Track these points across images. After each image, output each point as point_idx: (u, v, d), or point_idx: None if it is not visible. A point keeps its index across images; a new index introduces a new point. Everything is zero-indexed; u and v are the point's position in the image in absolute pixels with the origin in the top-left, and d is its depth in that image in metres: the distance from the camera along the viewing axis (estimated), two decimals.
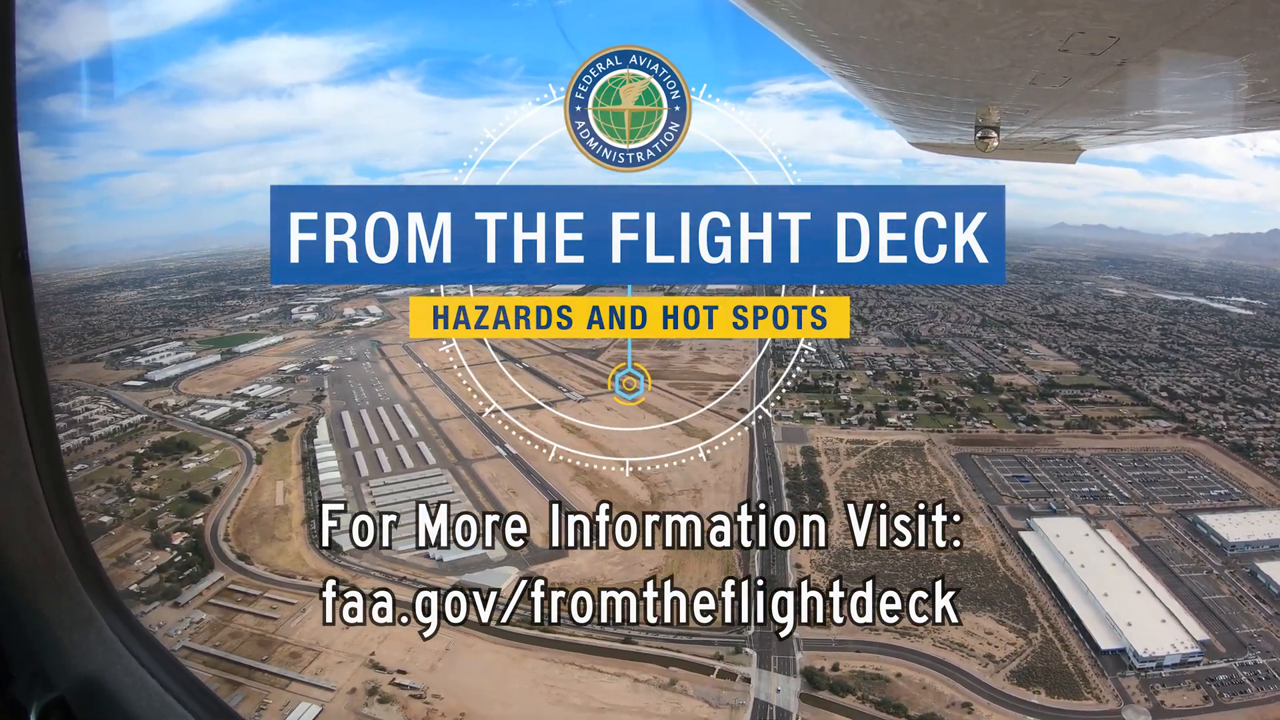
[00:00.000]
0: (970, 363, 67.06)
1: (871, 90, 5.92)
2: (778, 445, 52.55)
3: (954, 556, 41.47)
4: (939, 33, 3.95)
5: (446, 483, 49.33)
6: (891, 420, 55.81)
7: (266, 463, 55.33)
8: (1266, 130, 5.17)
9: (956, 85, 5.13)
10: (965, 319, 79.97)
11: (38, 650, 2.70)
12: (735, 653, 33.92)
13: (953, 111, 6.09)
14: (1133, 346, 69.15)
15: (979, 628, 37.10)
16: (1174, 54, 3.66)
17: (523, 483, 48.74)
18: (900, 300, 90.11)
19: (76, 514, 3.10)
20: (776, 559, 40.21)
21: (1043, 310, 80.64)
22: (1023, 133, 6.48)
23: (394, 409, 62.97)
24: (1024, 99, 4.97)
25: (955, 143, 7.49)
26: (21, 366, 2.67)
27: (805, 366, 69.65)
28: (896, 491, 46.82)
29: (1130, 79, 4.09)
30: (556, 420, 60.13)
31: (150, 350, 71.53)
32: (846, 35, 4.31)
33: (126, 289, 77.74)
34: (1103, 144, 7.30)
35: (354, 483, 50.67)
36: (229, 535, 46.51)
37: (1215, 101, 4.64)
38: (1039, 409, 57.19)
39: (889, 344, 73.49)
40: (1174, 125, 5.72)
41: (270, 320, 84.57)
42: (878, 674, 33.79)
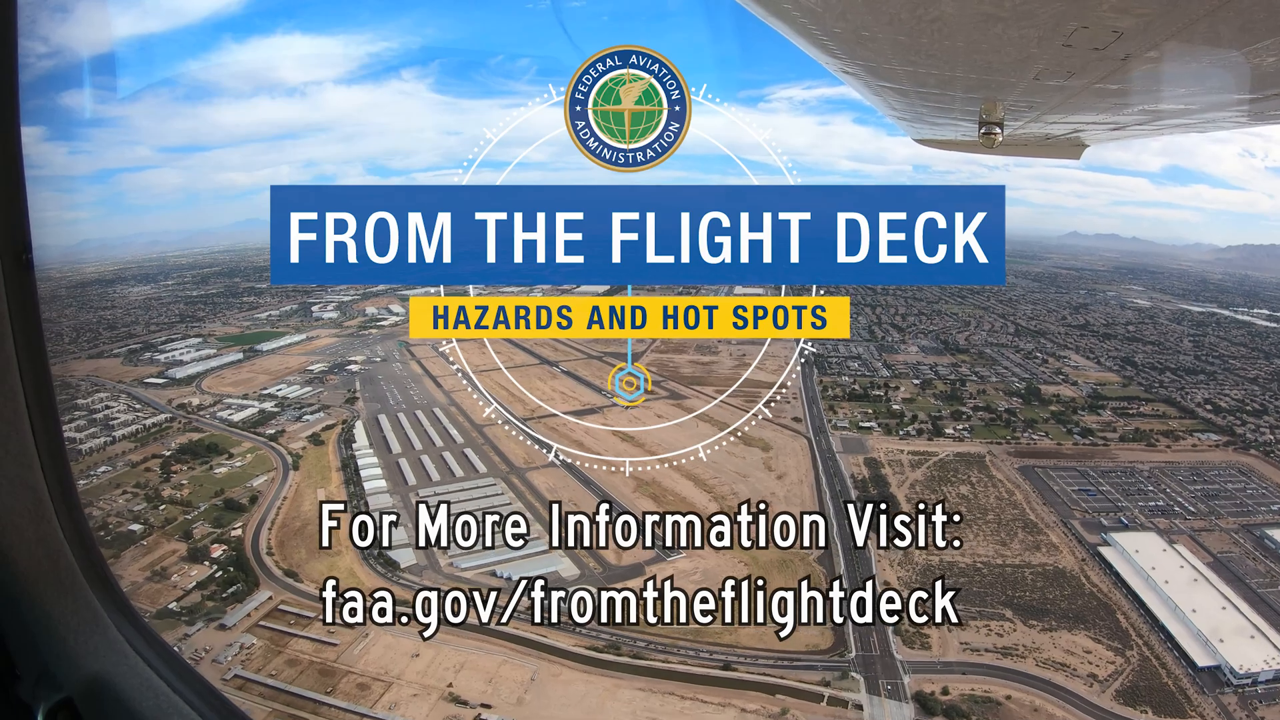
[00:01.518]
0: (1013, 372, 66.86)
1: (877, 87, 5.81)
2: (840, 456, 51.58)
3: (1039, 573, 40.89)
4: (943, 29, 3.89)
5: (502, 493, 47.38)
6: (949, 431, 55.16)
7: (304, 468, 52.82)
8: (1270, 124, 5.24)
9: (960, 81, 5.04)
10: (999, 328, 79.99)
11: (44, 651, 2.69)
12: (841, 678, 32.77)
13: (957, 107, 5.95)
14: (1168, 358, 69.55)
15: (1077, 646, 36.41)
16: (1177, 48, 3.60)
17: (583, 494, 47.03)
18: (930, 308, 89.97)
19: (82, 513, 3.06)
20: (865, 574, 39.21)
21: (1073, 320, 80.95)
22: (1027, 128, 6.33)
23: (433, 413, 60.72)
24: (1028, 94, 4.89)
25: (960, 139, 7.33)
26: (26, 366, 2.65)
27: (852, 375, 68.89)
28: (969, 505, 46.06)
29: (1134, 74, 4.02)
30: (604, 426, 58.55)
31: (169, 346, 68.37)
32: (851, 33, 4.26)
33: (140, 284, 74.84)
34: (1106, 139, 7.16)
35: (401, 491, 48.44)
36: (272, 548, 43.53)
37: (1219, 96, 4.55)
38: (1090, 421, 56.99)
39: (928, 352, 73.12)
40: (1178, 120, 5.57)
41: (290, 318, 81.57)
42: (988, 696, 32.89)
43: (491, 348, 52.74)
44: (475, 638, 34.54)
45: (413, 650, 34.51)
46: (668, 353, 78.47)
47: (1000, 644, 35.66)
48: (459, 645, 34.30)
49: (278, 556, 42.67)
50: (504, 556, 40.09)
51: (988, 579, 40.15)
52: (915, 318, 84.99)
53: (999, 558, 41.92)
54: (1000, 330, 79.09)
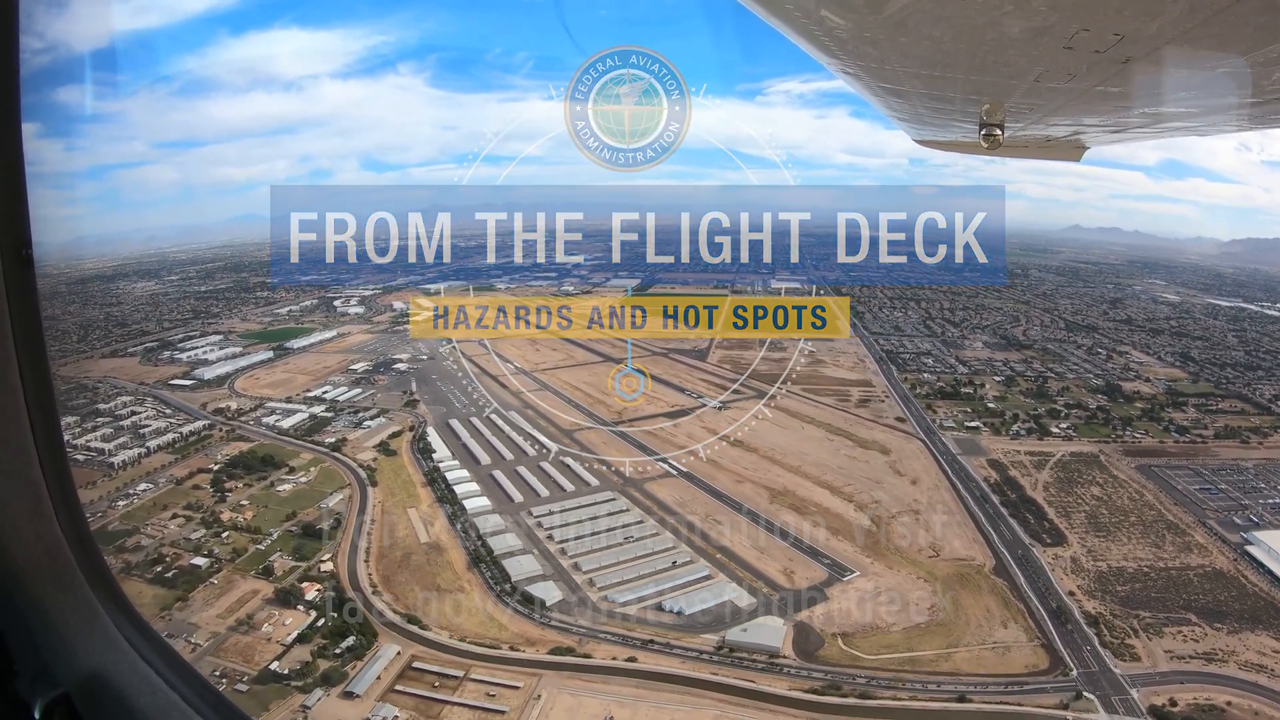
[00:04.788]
0: (1084, 369, 66.81)
1: (877, 88, 5.71)
2: (961, 459, 49.65)
3: (1200, 575, 40.02)
4: (944, 31, 3.86)
5: (626, 508, 42.91)
6: (1054, 430, 54.14)
7: (383, 483, 46.80)
8: (1272, 128, 4.91)
9: (961, 83, 4.93)
10: (1049, 323, 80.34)
11: (42, 647, 2.67)
12: (1075, 698, 30.80)
13: (958, 109, 5.85)
14: (1221, 354, 71.13)
15: (1265, 647, 35.57)
16: (1179, 51, 3.56)
17: (719, 508, 43.15)
18: (972, 302, 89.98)
19: (80, 510, 2.99)
20: (1046, 586, 37.26)
21: (1115, 315, 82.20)
22: (1028, 130, 6.21)
23: (509, 416, 55.28)
24: (1029, 96, 4.83)
25: (961, 140, 7.18)
26: (26, 363, 2.62)
27: (932, 372, 67.36)
28: (1108, 507, 44.95)
29: (1135, 77, 3.96)
30: (706, 429, 54.75)
31: (189, 344, 59.97)
32: (852, 34, 4.20)
33: (142, 280, 66.47)
34: (1107, 141, 7.10)
35: (511, 511, 43.29)
36: (377, 585, 36.83)
37: (1220, 99, 4.48)
38: (1179, 417, 57.14)
39: (993, 347, 72.52)
40: (1179, 123, 5.52)
41: (312, 313, 73.51)
42: (1210, 704, 31.59)
43: (546, 344, 48.08)
44: (674, 689, 30.25)
45: (601, 712, 29.88)
46: (735, 350, 75.24)
47: (1199, 649, 34.49)
48: (658, 699, 29.86)
49: (388, 596, 36.20)
50: (663, 585, 36.04)
51: (1159, 583, 39.05)
52: (963, 312, 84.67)
53: (1159, 560, 40.92)
54: (1051, 326, 79.46)
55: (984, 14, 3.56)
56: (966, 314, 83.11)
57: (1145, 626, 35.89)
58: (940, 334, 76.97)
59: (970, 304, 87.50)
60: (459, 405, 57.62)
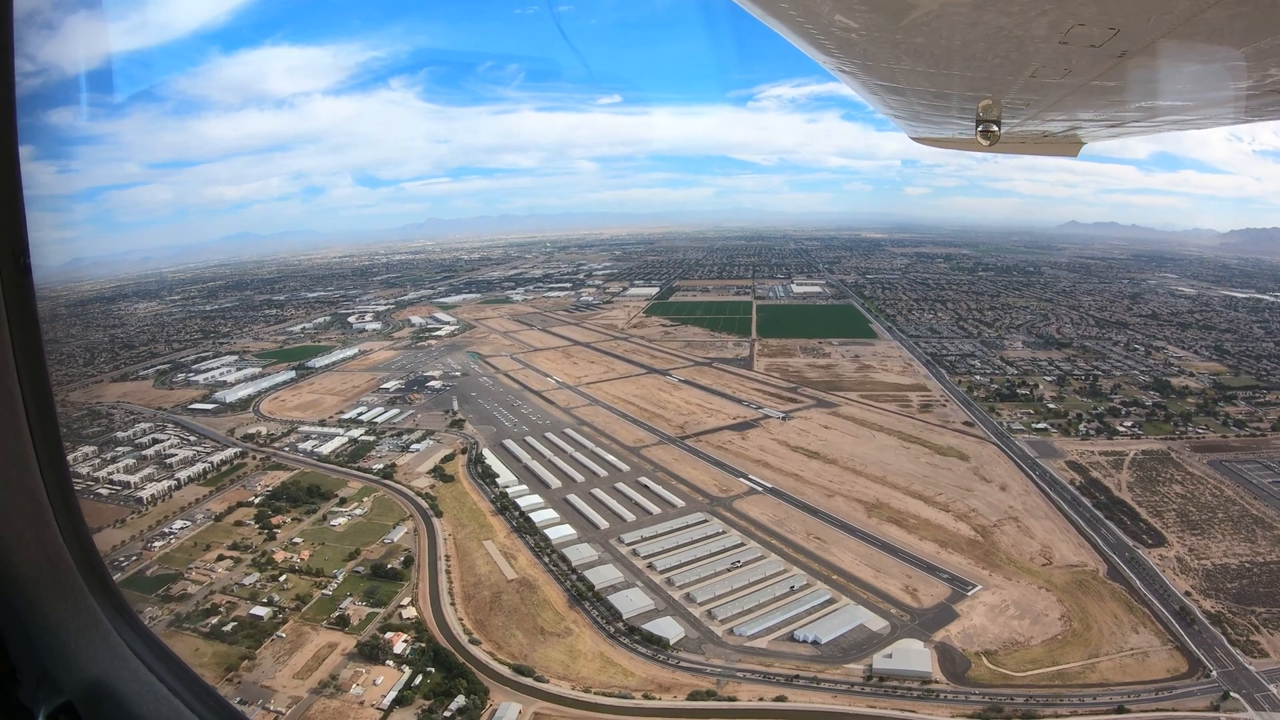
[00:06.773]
0: (1128, 365, 66.75)
1: (873, 86, 5.64)
2: (1041, 462, 48.40)
3: None
4: (939, 27, 3.90)
5: (722, 530, 40.08)
6: (1120, 429, 53.45)
7: (449, 514, 43.03)
8: (1268, 120, 4.75)
9: (957, 79, 4.94)
10: (1078, 320, 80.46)
11: (44, 655, 2.65)
12: (1223, 699, 29.60)
13: (954, 106, 5.77)
14: (1253, 345, 71.94)
15: None
16: (1174, 45, 3.57)
17: (818, 525, 40.77)
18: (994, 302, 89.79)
19: (81, 518, 2.87)
20: (1162, 588, 35.98)
21: (1139, 310, 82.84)
22: (1024, 126, 6.13)
23: (567, 434, 51.80)
24: (1025, 92, 4.85)
25: (957, 137, 7.12)
26: (25, 370, 2.57)
27: (983, 374, 66.24)
28: (1195, 505, 44.18)
29: (1131, 71, 3.93)
30: (777, 442, 52.38)
31: (203, 366, 54.89)
32: (848, 31, 4.21)
33: (142, 301, 61.51)
34: (1104, 137, 7.06)
35: (600, 539, 39.78)
36: (471, 631, 33.12)
37: (1216, 92, 4.52)
38: (1233, 411, 57.17)
39: (1032, 346, 72.07)
40: (1175, 116, 5.47)
41: (327, 330, 68.55)
42: None
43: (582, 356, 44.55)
44: None
45: None
46: (779, 356, 72.92)
47: None
48: None
49: (487, 644, 32.25)
50: (789, 613, 33.43)
51: (1264, 578, 38.28)
52: (992, 312, 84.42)
53: (1256, 555, 40.23)
54: (1081, 323, 79.55)
55: (980, 9, 3.53)
56: (996, 314, 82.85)
57: (1264, 622, 35.00)
58: (977, 335, 76.13)
59: (995, 304, 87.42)
60: (509, 424, 54.00)
